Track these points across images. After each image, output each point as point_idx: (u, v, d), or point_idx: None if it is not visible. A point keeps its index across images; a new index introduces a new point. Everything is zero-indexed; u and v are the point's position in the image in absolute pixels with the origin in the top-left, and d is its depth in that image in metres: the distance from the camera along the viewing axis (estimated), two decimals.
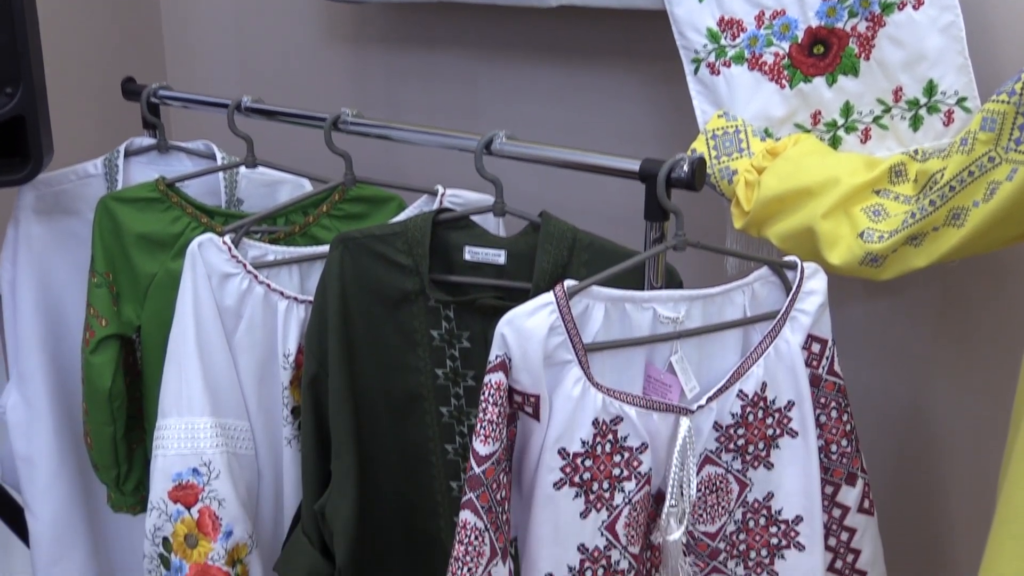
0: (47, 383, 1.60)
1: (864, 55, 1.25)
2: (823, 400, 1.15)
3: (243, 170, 1.60)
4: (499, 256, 1.27)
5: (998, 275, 1.32)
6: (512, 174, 1.37)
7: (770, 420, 1.12)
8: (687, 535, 1.12)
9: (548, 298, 1.03)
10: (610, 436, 1.05)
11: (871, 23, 1.23)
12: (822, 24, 1.25)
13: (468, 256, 1.28)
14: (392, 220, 1.42)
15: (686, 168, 1.10)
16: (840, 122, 1.28)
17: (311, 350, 1.28)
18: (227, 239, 1.33)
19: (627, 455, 1.06)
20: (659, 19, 1.34)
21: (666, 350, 1.10)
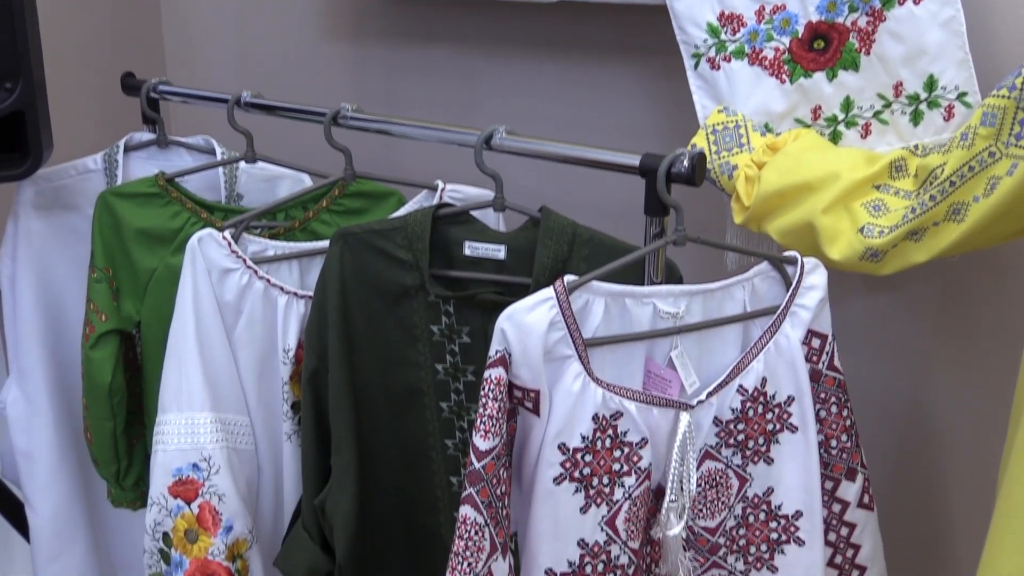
0: (47, 378, 1.60)
1: (864, 50, 1.24)
2: (823, 395, 1.15)
3: (243, 165, 1.60)
4: (499, 251, 1.27)
5: (998, 270, 1.32)
6: (512, 169, 1.37)
7: (770, 415, 1.12)
8: (687, 530, 1.12)
9: (548, 293, 1.03)
10: (610, 431, 1.04)
11: (871, 18, 1.23)
12: (822, 19, 1.25)
13: (468, 251, 1.28)
14: (392, 215, 1.42)
15: (686, 163, 1.10)
16: (840, 117, 1.27)
17: (311, 345, 1.28)
18: (227, 234, 1.33)
19: (627, 450, 1.06)
20: (659, 14, 1.34)
21: (666, 345, 1.10)
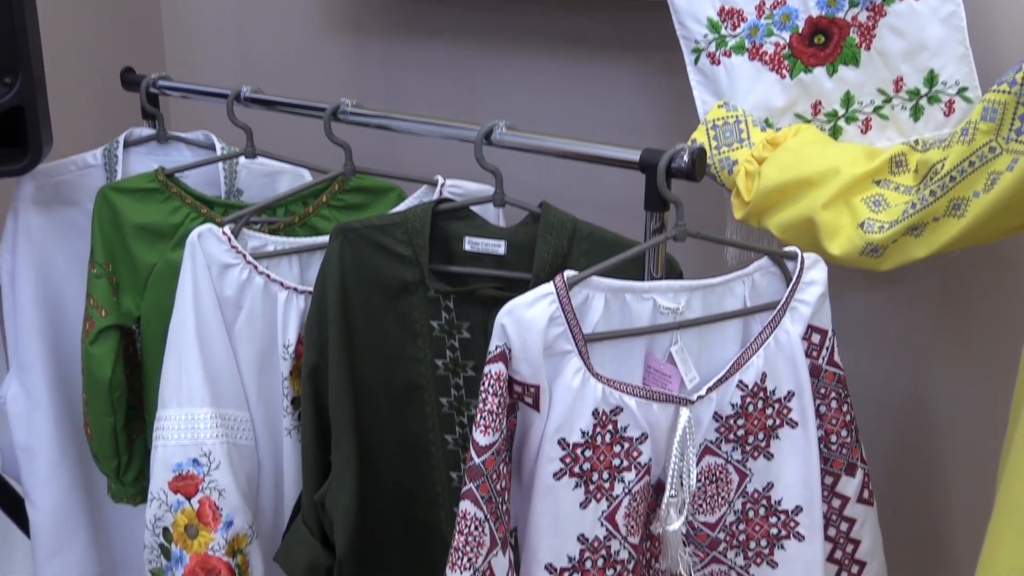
0: (47, 373, 1.60)
1: (865, 45, 1.24)
2: (823, 390, 1.15)
3: (243, 160, 1.59)
4: (499, 246, 1.27)
5: (998, 266, 1.32)
6: (512, 164, 1.37)
7: (770, 410, 1.12)
8: (687, 525, 1.12)
9: (548, 288, 1.03)
10: (610, 426, 1.05)
11: (872, 13, 1.23)
12: (823, 14, 1.25)
13: (468, 246, 1.28)
14: (392, 210, 1.42)
15: (686, 158, 1.10)
16: (841, 112, 1.27)
17: (311, 340, 1.28)
18: (227, 229, 1.33)
19: (627, 445, 1.06)
20: (659, 9, 1.34)
21: (666, 340, 1.10)
